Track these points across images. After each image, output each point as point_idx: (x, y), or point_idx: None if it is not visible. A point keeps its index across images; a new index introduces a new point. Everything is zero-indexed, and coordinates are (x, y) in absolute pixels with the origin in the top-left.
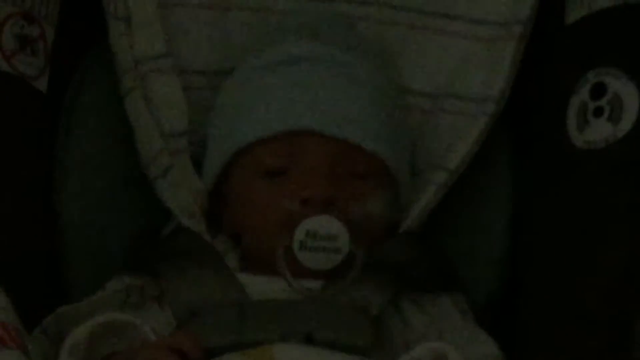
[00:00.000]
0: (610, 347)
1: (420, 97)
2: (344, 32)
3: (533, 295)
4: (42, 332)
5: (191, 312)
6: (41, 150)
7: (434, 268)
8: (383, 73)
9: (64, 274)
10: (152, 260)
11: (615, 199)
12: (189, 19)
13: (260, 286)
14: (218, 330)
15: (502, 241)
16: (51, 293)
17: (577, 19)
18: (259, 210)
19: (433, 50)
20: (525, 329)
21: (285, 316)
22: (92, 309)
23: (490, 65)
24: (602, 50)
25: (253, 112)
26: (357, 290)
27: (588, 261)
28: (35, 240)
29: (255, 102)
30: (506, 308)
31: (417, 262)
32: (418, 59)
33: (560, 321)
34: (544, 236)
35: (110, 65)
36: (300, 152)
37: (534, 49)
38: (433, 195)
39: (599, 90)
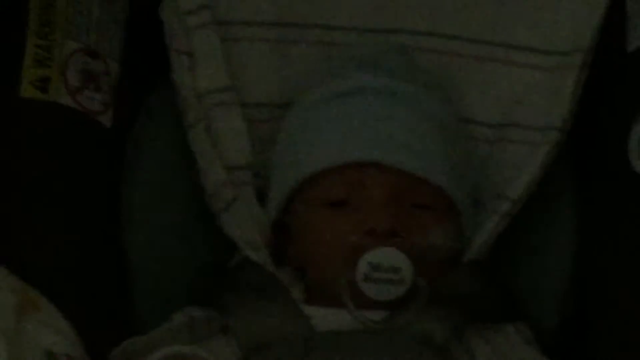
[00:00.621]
0: None
1: (483, 128)
2: (405, 64)
3: (601, 327)
4: None
5: (257, 344)
6: (107, 186)
7: (497, 299)
8: (445, 105)
9: (131, 309)
10: (217, 292)
11: None
12: (251, 52)
13: (325, 318)
14: None
15: (566, 273)
16: (119, 327)
17: (639, 47)
18: (322, 242)
19: (496, 81)
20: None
21: (350, 348)
22: (159, 341)
23: (552, 94)
24: None
25: (317, 143)
26: (421, 321)
27: None
28: (103, 275)
29: (319, 133)
30: (572, 340)
31: (481, 292)
32: (481, 89)
33: (630, 353)
34: (610, 267)
35: (174, 100)
36: (363, 184)
37: (596, 78)
38: (496, 225)
39: None
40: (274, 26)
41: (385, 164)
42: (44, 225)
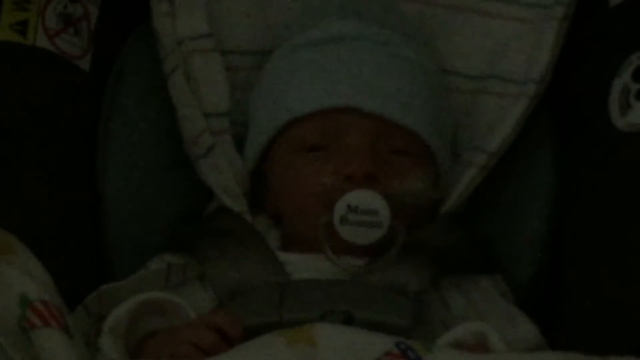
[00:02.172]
0: None
1: (461, 79)
2: (385, 12)
3: (574, 278)
4: (84, 310)
5: (232, 291)
6: (84, 130)
7: (473, 250)
8: (426, 52)
9: (107, 254)
10: (193, 240)
11: None
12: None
13: (300, 265)
14: (258, 310)
15: (542, 224)
16: (94, 272)
17: (621, 1)
18: (300, 187)
19: (474, 32)
20: (565, 311)
21: (325, 296)
22: (134, 287)
23: (532, 46)
24: None
25: (294, 89)
26: (397, 271)
27: (630, 242)
28: (78, 219)
29: (296, 80)
30: (546, 291)
31: (457, 244)
32: (459, 40)
33: (602, 304)
34: (585, 218)
35: (153, 46)
36: (342, 129)
37: (577, 31)
38: (473, 178)
39: None
40: None
41: (363, 109)
42: (19, 169)
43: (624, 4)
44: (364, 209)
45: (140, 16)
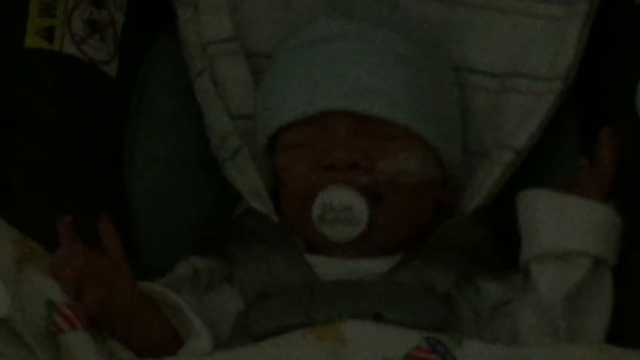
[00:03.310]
0: None
1: (485, 77)
2: (377, 9)
3: None
4: None
5: (260, 292)
6: (111, 136)
7: (501, 247)
8: (424, 50)
9: (135, 256)
10: (221, 241)
11: None
12: (256, 2)
13: (327, 266)
14: (287, 311)
15: None
16: None
17: None
18: (288, 186)
19: (498, 30)
20: None
21: (353, 296)
22: None
23: (556, 43)
24: None
25: (281, 96)
26: (426, 269)
27: None
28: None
29: (284, 84)
30: None
31: (485, 241)
32: (483, 39)
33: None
34: None
35: (178, 49)
36: (327, 127)
37: (603, 28)
38: (500, 175)
39: None
40: None
41: (348, 110)
42: (47, 175)
43: None
44: (338, 207)
45: (164, 21)
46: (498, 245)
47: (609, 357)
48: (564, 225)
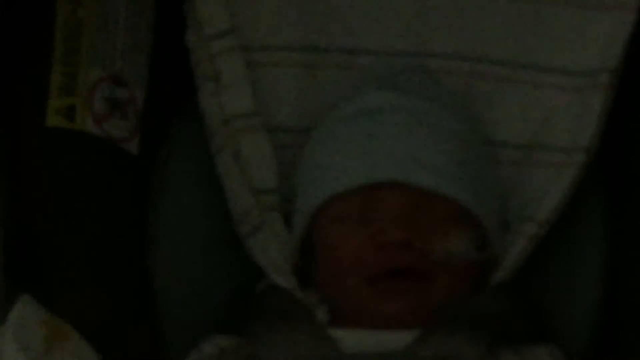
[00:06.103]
0: None
1: (509, 150)
2: (422, 82)
3: (632, 343)
4: None
5: None
6: (133, 214)
7: (527, 319)
8: (467, 124)
9: (159, 336)
10: (245, 320)
11: None
12: (277, 77)
13: (352, 340)
14: None
15: (595, 292)
16: (144, 353)
17: None
18: (334, 252)
19: (522, 102)
20: None
21: None
22: None
23: (579, 114)
24: None
25: (332, 166)
26: (451, 342)
27: None
28: (129, 306)
29: (334, 156)
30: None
31: (511, 313)
32: (506, 111)
33: None
34: None
35: (200, 125)
36: (380, 200)
37: (626, 94)
38: (524, 247)
39: None
40: (299, 50)
41: (401, 182)
42: (70, 255)
43: None
44: None
45: (186, 96)
46: (519, 317)
47: None
48: None
